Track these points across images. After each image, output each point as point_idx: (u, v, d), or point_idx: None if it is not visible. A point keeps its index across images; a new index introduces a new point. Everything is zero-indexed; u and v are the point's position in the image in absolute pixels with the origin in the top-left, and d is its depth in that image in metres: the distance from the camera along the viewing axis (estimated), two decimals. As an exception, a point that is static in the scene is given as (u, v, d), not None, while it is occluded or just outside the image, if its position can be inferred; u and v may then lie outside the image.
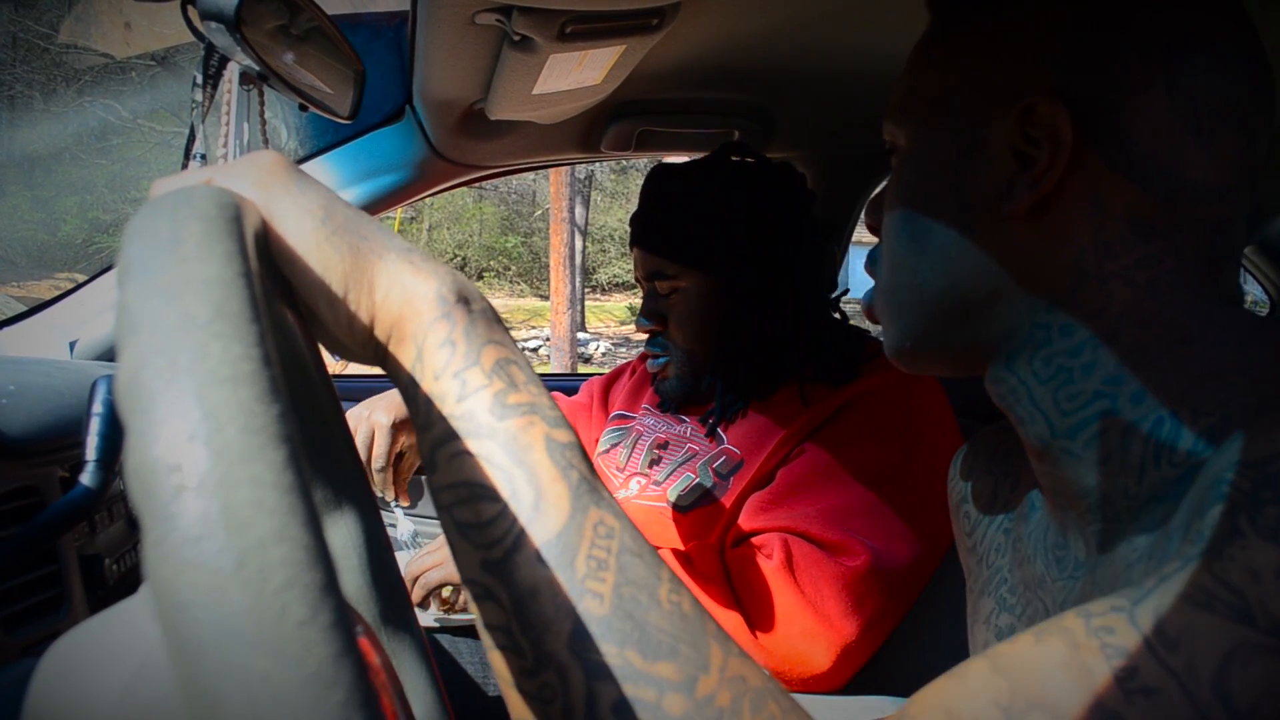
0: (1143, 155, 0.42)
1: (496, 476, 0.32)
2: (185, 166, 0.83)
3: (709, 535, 1.05)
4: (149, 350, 0.22)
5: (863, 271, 0.55)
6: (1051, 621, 0.35)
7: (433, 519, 1.64)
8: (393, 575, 0.40)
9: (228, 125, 0.80)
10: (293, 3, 0.79)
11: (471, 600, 0.32)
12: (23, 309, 1.33)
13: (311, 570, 0.20)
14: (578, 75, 0.90)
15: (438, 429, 0.33)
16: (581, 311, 13.12)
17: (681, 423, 1.16)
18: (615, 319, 15.72)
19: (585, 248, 14.19)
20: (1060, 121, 0.42)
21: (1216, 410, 0.39)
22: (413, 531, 1.37)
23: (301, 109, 0.87)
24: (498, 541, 0.31)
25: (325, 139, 1.29)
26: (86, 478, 0.60)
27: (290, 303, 0.33)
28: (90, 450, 0.61)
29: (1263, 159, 0.44)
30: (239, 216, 0.26)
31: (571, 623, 0.30)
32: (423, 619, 1.17)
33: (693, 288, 1.08)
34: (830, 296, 1.13)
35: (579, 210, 11.25)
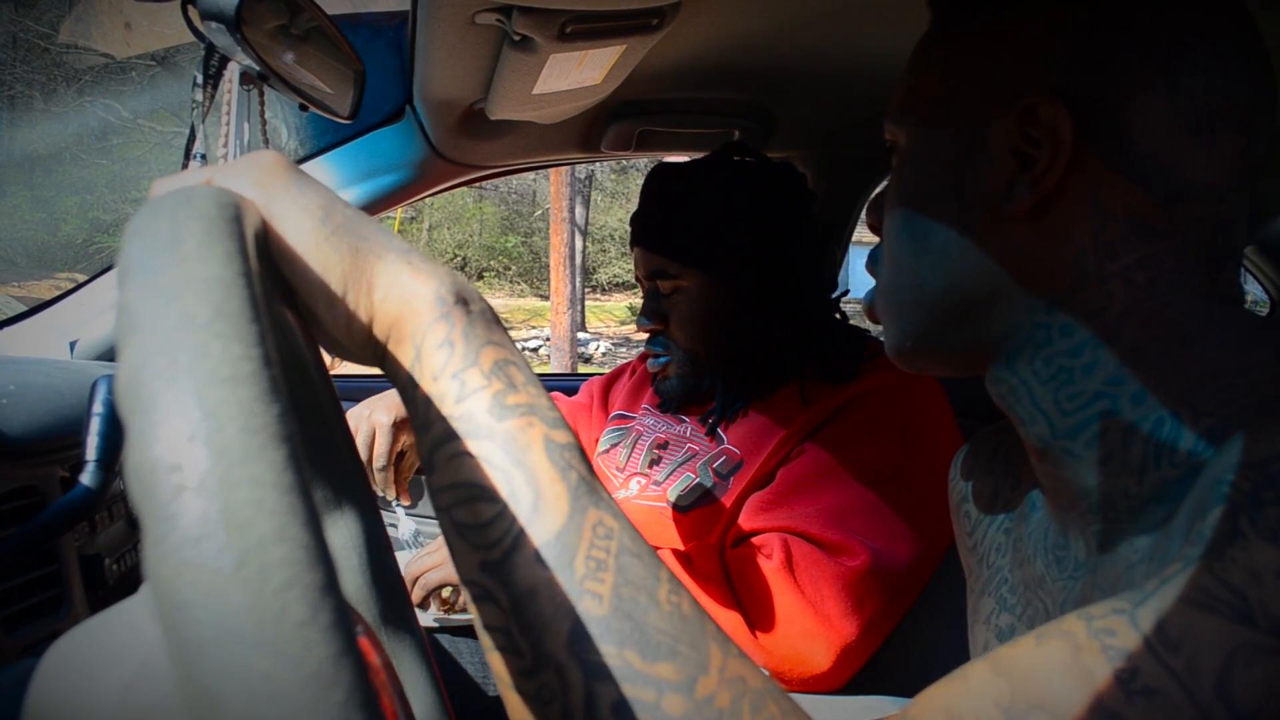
0: (1143, 155, 0.42)
1: (495, 477, 0.32)
2: (185, 166, 0.83)
3: (709, 535, 1.04)
4: (149, 350, 0.22)
5: (863, 271, 0.55)
6: (1053, 624, 0.36)
7: (434, 518, 1.64)
8: (393, 575, 0.40)
9: (228, 125, 0.80)
10: (293, 3, 0.79)
11: (470, 601, 0.32)
12: (23, 309, 1.33)
13: (311, 570, 0.20)
14: (578, 75, 0.90)
15: (436, 430, 0.33)
16: (581, 311, 13.12)
17: (681, 423, 1.16)
18: (615, 319, 15.72)
19: (585, 248, 14.19)
20: (1060, 121, 0.42)
21: (1217, 411, 0.39)
22: (414, 531, 1.37)
23: (301, 109, 0.87)
24: (496, 542, 0.31)
25: (325, 139, 1.29)
26: (87, 478, 0.60)
27: (290, 303, 0.33)
28: (90, 450, 0.61)
29: (1263, 159, 0.44)
30: (239, 216, 0.26)
31: (570, 623, 0.30)
32: (422, 619, 1.17)
33: (694, 287, 1.08)
34: (831, 296, 1.13)
35: (579, 210, 11.25)
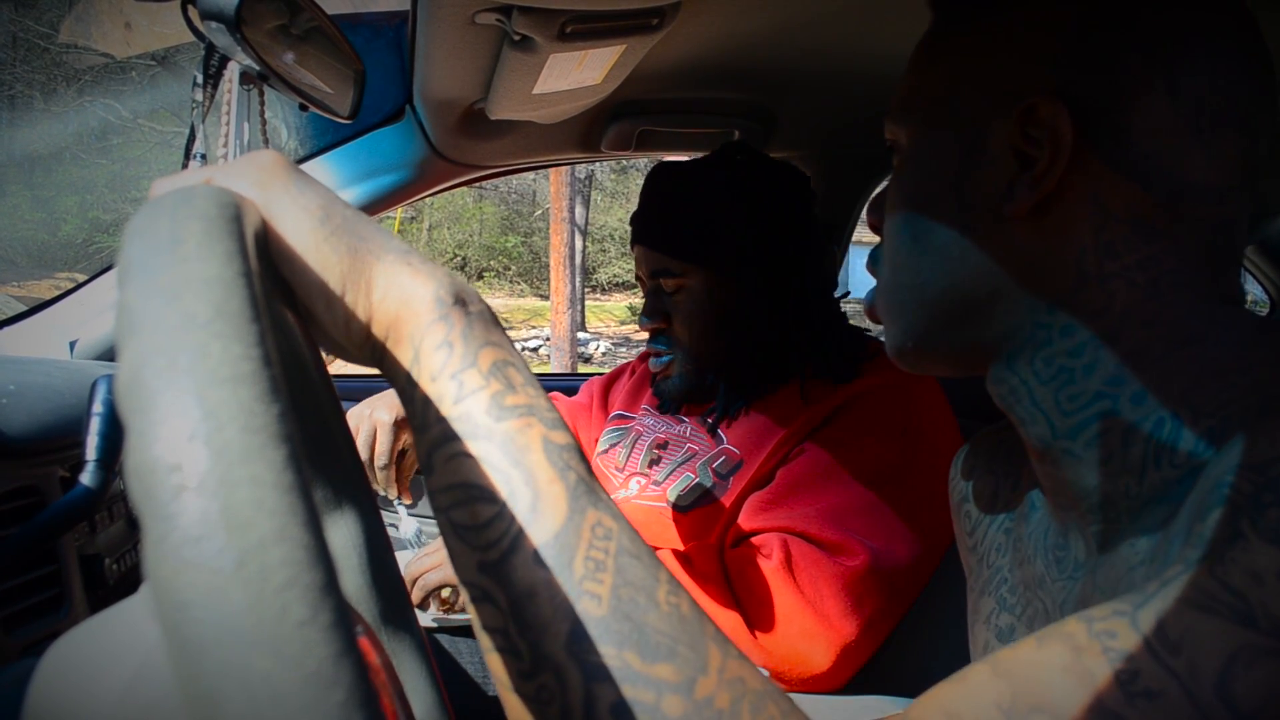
0: (1144, 156, 0.42)
1: (494, 478, 0.31)
2: (185, 166, 0.83)
3: (709, 535, 1.04)
4: (149, 350, 0.22)
5: (863, 271, 0.55)
6: (1054, 626, 0.35)
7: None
8: (393, 575, 0.40)
9: (228, 125, 0.80)
10: (293, 3, 0.79)
11: (469, 602, 0.32)
12: (23, 309, 1.33)
13: (311, 570, 0.20)
14: (578, 75, 0.90)
15: (435, 430, 0.32)
16: (581, 311, 13.12)
17: (681, 423, 1.16)
18: (615, 319, 15.72)
19: (585, 248, 14.18)
20: (1061, 122, 0.42)
21: (1218, 411, 0.38)
22: (417, 529, 1.37)
23: (301, 109, 0.87)
24: (495, 543, 0.31)
25: (325, 139, 1.29)
26: (87, 477, 0.60)
27: (289, 302, 0.33)
28: (90, 450, 0.61)
29: (1265, 159, 0.44)
30: (239, 216, 0.26)
31: (569, 624, 0.30)
32: (422, 619, 1.17)
33: (698, 285, 1.07)
34: (833, 295, 1.13)
35: (579, 210, 11.24)
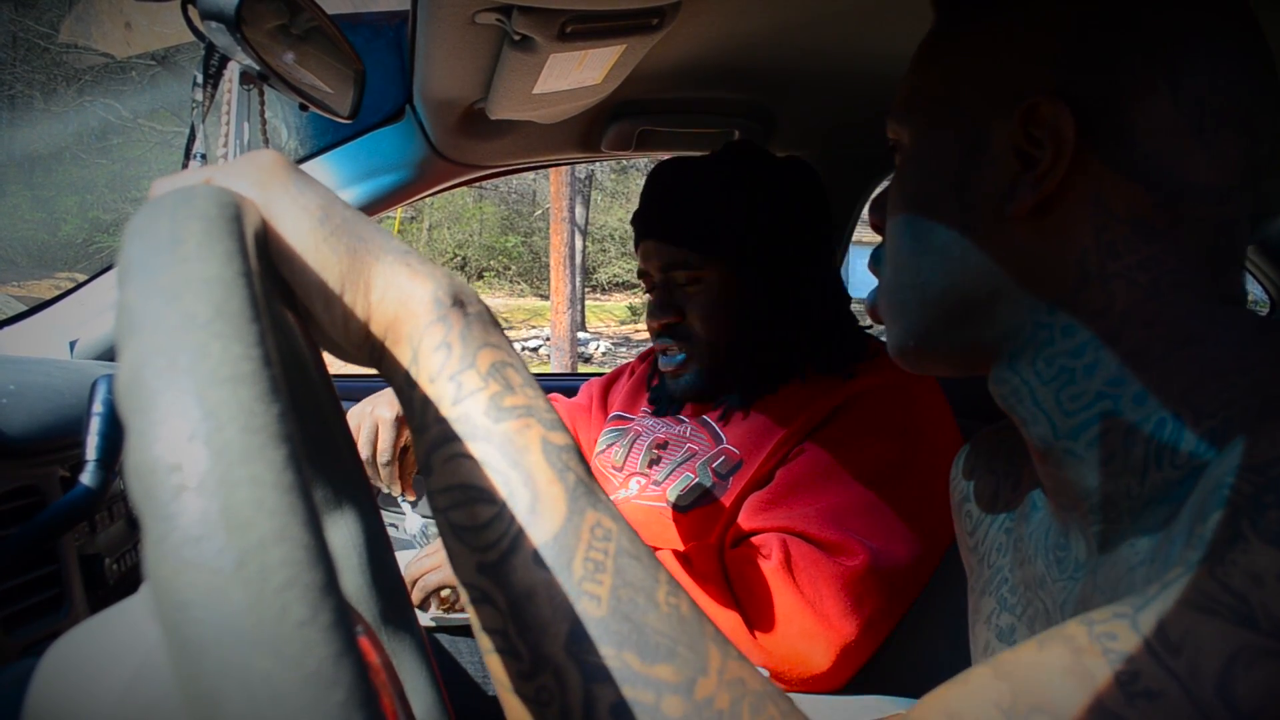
0: (1145, 156, 0.42)
1: (493, 479, 0.31)
2: (185, 166, 0.83)
3: (708, 535, 1.04)
4: (149, 350, 0.22)
5: (863, 271, 0.55)
6: (1055, 629, 0.36)
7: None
8: (393, 575, 0.40)
9: (228, 125, 0.80)
10: (293, 2, 0.79)
11: (468, 603, 0.32)
12: (23, 309, 1.33)
13: (311, 570, 0.20)
14: (578, 75, 0.90)
15: (433, 431, 0.32)
16: (581, 311, 13.12)
17: (681, 423, 1.16)
18: (615, 319, 15.72)
19: (585, 247, 14.18)
20: (1063, 122, 0.42)
21: (1219, 412, 0.38)
22: (422, 526, 1.36)
23: (301, 109, 0.87)
24: (494, 544, 0.31)
25: (325, 139, 1.29)
26: (87, 477, 0.60)
27: (289, 302, 0.33)
28: (90, 450, 0.61)
29: (1267, 160, 0.44)
30: (239, 216, 0.26)
31: (569, 625, 0.30)
32: (421, 619, 1.16)
33: (715, 279, 1.07)
34: (845, 289, 1.14)
35: (579, 210, 11.24)
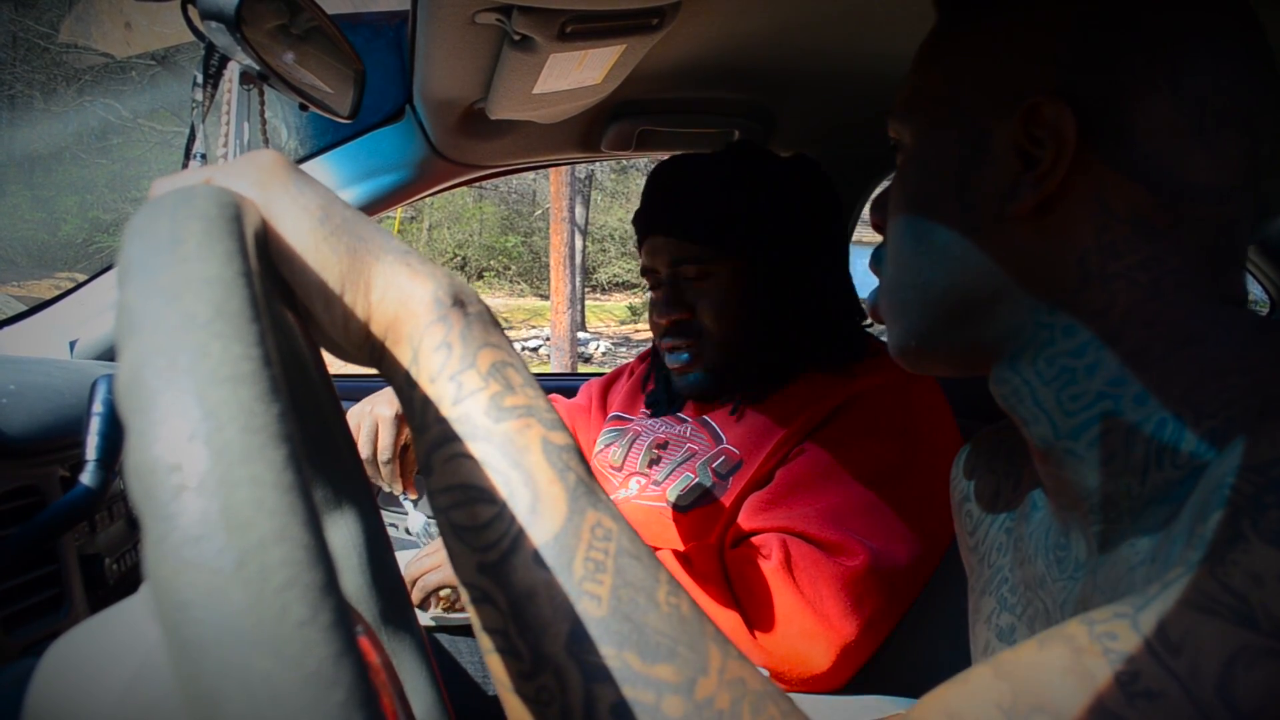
0: (1146, 156, 0.42)
1: (493, 479, 0.31)
2: (185, 166, 0.83)
3: (709, 535, 1.04)
4: (149, 350, 0.22)
5: (863, 271, 0.55)
6: (1055, 629, 0.36)
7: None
8: (393, 575, 0.40)
9: (228, 125, 0.80)
10: (293, 2, 0.79)
11: (469, 603, 0.32)
12: (23, 308, 1.33)
13: (311, 570, 0.20)
14: (578, 75, 0.90)
15: (434, 431, 0.32)
16: (581, 311, 13.11)
17: (681, 422, 1.15)
18: (615, 319, 15.71)
19: (585, 247, 14.18)
20: (1064, 122, 0.42)
21: (1219, 412, 0.38)
22: (424, 524, 1.35)
23: (301, 109, 0.87)
24: (494, 544, 0.31)
25: (325, 139, 1.29)
26: (87, 477, 0.60)
27: (289, 302, 0.33)
28: (90, 450, 0.61)
29: (1268, 160, 0.44)
30: (239, 216, 0.26)
31: (569, 625, 0.30)
32: (421, 619, 1.16)
33: (726, 274, 1.07)
34: (852, 285, 1.14)
35: (579, 210, 11.24)
